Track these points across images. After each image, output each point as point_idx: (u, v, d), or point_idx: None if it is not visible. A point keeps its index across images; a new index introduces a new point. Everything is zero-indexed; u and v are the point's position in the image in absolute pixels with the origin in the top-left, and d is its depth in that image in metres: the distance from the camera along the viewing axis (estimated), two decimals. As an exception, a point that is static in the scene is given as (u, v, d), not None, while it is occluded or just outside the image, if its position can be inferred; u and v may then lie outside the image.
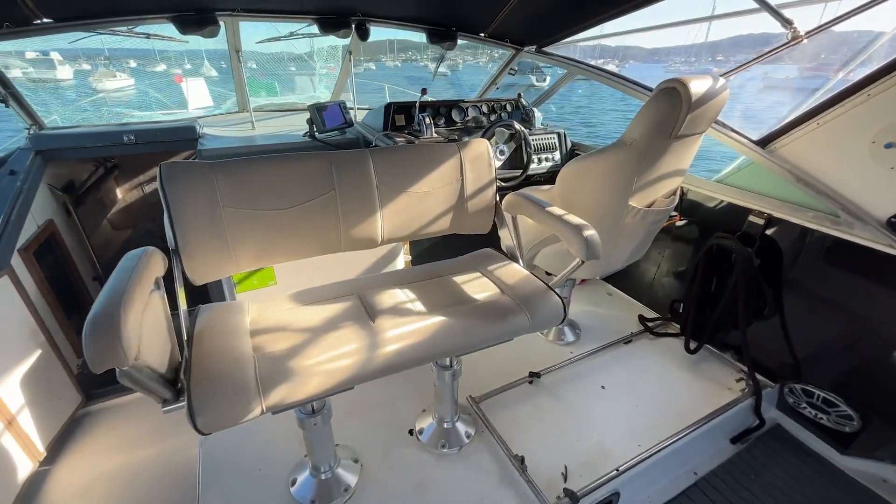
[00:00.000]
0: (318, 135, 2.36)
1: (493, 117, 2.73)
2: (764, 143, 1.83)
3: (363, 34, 2.48)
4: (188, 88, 6.42)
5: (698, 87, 1.37)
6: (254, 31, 2.74)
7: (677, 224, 2.23)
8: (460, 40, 2.75)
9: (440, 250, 2.72)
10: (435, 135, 2.35)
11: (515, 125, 2.38)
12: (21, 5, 1.60)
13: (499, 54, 2.97)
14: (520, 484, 1.47)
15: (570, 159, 2.74)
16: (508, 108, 2.78)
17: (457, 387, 1.59)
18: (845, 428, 1.69)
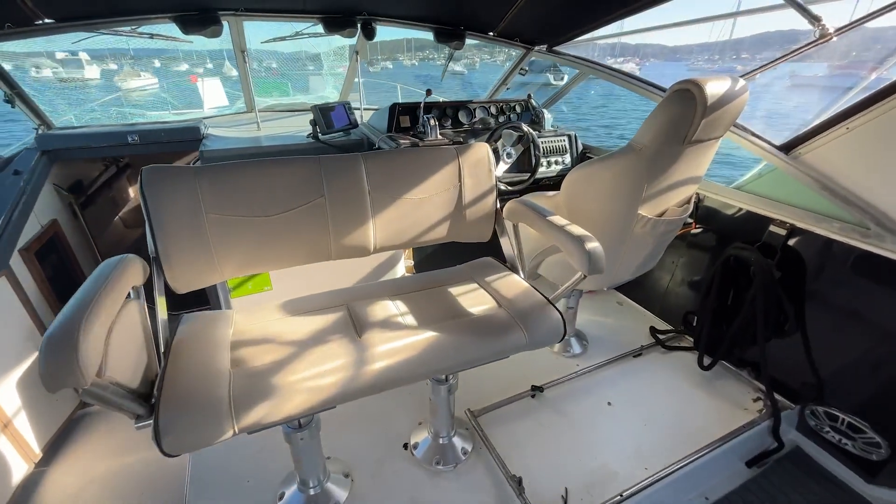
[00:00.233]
0: (321, 136, 2.32)
1: (501, 119, 2.65)
2: (787, 148, 1.71)
3: (369, 33, 2.44)
4: (203, 88, 6.49)
5: (715, 88, 1.27)
6: (260, 31, 2.72)
7: (693, 232, 2.13)
8: (470, 40, 2.68)
9: (443, 256, 2.65)
10: (440, 137, 2.28)
11: (523, 127, 2.30)
12: (21, 6, 1.59)
13: (516, 53, 2.88)
14: None
15: (582, 162, 2.68)
16: (518, 110, 2.70)
17: (453, 401, 1.52)
18: (872, 455, 1.57)
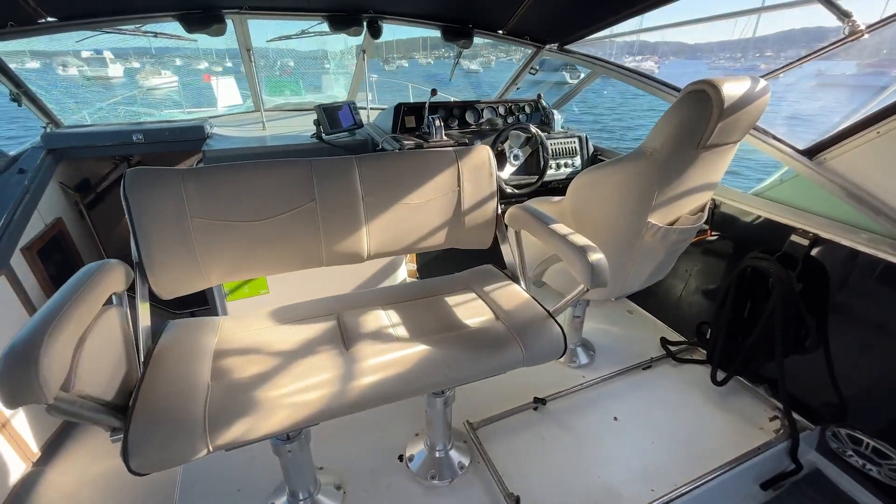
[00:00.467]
0: (324, 136, 2.28)
1: (510, 119, 2.58)
2: (812, 153, 1.61)
3: (375, 32, 2.39)
4: (218, 87, 6.53)
5: (733, 89, 1.19)
6: (267, 30, 2.70)
7: (708, 238, 2.03)
8: (481, 38, 2.61)
9: (446, 260, 2.59)
10: (445, 137, 2.22)
11: (531, 128, 2.23)
12: (23, 4, 1.58)
13: (528, 52, 2.80)
14: None
15: (592, 164, 2.59)
16: (527, 110, 2.62)
17: (450, 413, 1.47)
18: (899, 484, 1.47)
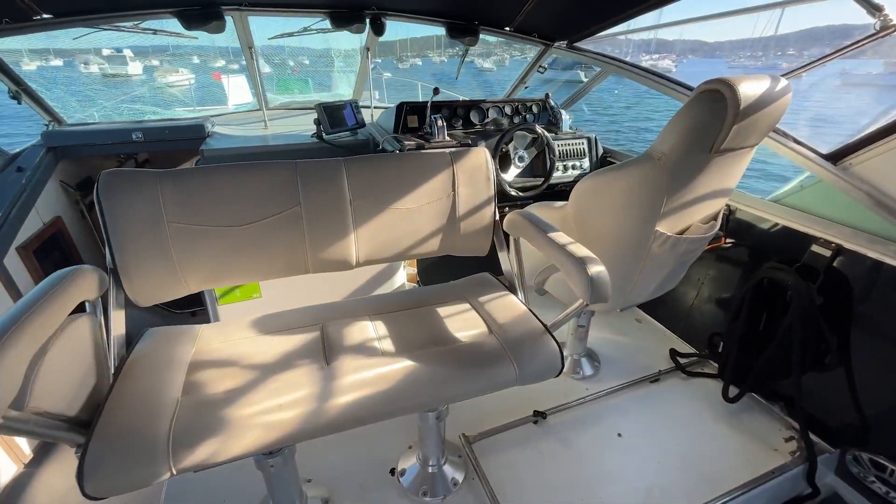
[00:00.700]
0: (325, 136, 2.23)
1: (516, 119, 2.50)
2: (836, 157, 1.50)
3: (378, 29, 2.33)
4: (229, 85, 6.54)
5: (750, 89, 1.10)
6: (267, 29, 2.66)
7: (723, 245, 1.92)
8: (489, 36, 2.53)
9: (448, 264, 2.51)
10: (447, 138, 2.15)
11: (537, 128, 2.15)
12: (17, 1, 1.56)
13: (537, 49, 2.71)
14: None
15: (602, 167, 2.49)
16: (535, 110, 2.54)
17: (443, 427, 1.40)
18: (927, 516, 1.36)
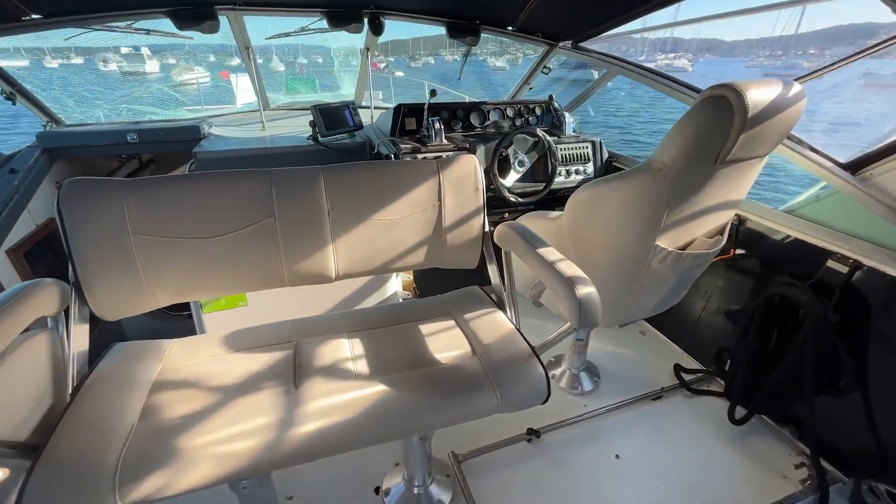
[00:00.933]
0: (320, 138, 2.18)
1: (518, 122, 2.42)
2: (855, 167, 1.40)
3: (377, 28, 2.27)
4: (237, 84, 6.56)
5: (759, 95, 1.01)
6: (266, 28, 2.61)
7: (732, 257, 1.83)
8: (488, 35, 2.46)
9: (444, 272, 2.45)
10: (445, 141, 2.09)
11: (537, 132, 2.07)
12: (4, 2, 1.53)
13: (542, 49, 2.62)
14: None
15: (607, 172, 2.40)
16: (538, 112, 2.46)
17: (429, 447, 1.34)
18: (949, 557, 1.25)
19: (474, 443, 1.58)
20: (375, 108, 2.77)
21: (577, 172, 2.27)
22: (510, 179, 2.14)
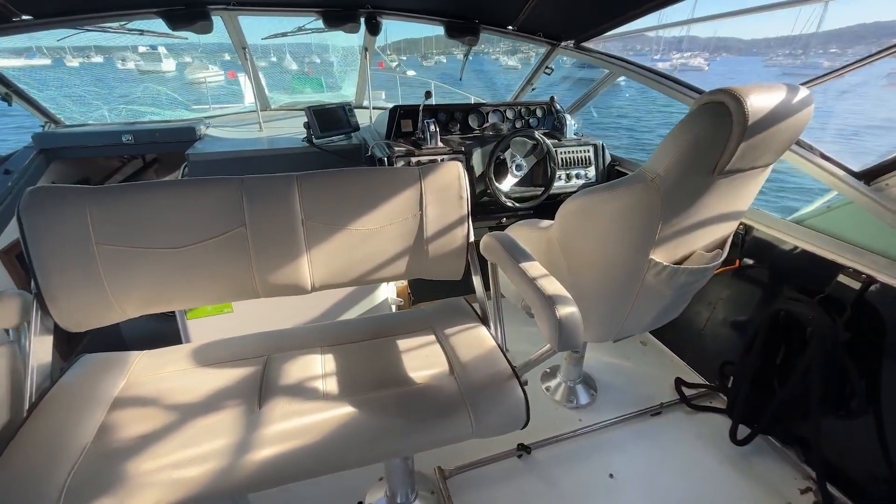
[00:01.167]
0: (314, 140, 2.14)
1: (518, 124, 2.35)
2: (869, 176, 1.31)
3: (373, 28, 2.22)
4: (245, 84, 6.57)
5: (760, 101, 0.93)
6: (263, 28, 2.58)
7: (739, 267, 1.74)
8: (488, 34, 2.39)
9: None
10: (441, 144, 2.03)
11: (536, 135, 2.00)
12: None
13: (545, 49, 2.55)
14: None
15: (609, 176, 2.32)
16: (538, 114, 2.38)
17: (412, 463, 1.29)
18: None
19: (462, 458, 1.52)
20: (375, 109, 2.73)
21: (577, 177, 2.20)
22: (507, 184, 2.07)
